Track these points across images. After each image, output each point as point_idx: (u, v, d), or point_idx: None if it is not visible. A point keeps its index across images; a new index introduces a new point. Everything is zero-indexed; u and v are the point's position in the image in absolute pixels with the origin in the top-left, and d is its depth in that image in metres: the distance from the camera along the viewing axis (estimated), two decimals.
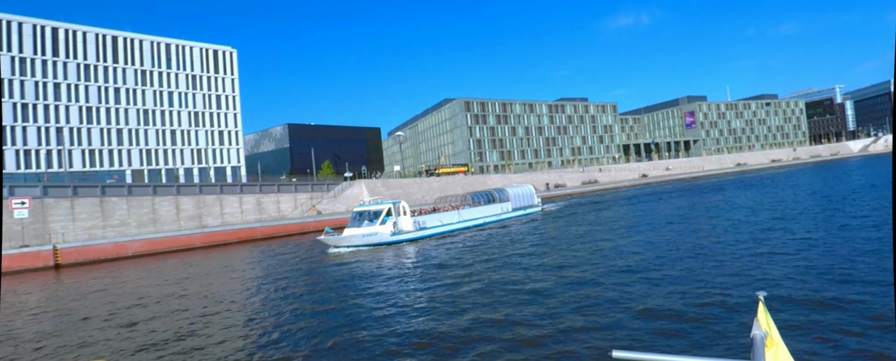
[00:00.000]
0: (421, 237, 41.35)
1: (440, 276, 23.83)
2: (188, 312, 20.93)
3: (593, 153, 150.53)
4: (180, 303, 23.21)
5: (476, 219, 47.97)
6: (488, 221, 49.13)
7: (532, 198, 57.79)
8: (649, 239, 28.92)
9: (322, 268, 30.56)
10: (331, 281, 25.69)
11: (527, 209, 55.33)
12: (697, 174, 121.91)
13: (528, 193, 57.63)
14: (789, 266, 18.34)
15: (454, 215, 46.44)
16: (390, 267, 28.44)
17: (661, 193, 72.22)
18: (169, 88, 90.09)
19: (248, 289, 25.72)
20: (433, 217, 44.43)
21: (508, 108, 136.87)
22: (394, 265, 29.34)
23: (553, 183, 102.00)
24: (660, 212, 44.78)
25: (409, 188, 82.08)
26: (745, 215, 36.26)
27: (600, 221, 42.79)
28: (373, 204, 42.03)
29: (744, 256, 21.28)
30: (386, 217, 39.99)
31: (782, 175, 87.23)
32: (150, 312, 21.50)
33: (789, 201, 42.90)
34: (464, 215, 47.11)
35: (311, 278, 27.48)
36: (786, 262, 19.20)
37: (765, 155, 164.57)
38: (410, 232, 40.76)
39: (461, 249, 32.98)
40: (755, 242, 24.42)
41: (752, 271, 18.38)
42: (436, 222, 44.18)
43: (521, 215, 53.49)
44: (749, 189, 62.34)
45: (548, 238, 34.89)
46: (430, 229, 42.70)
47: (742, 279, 17.19)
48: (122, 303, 24.42)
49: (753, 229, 28.77)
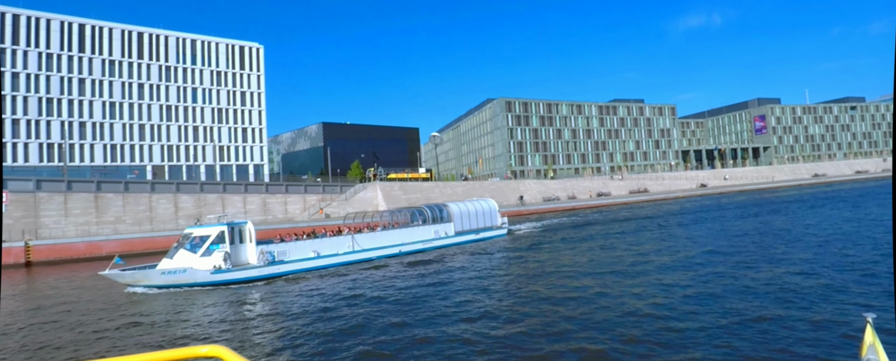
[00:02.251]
0: (269, 276, 28.56)
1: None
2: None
3: (648, 159, 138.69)
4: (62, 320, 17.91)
5: (383, 248, 34.53)
6: (409, 249, 35.81)
7: (491, 217, 43.32)
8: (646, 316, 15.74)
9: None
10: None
11: (481, 233, 41.59)
12: (766, 185, 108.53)
13: (486, 210, 43.08)
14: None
15: (342, 242, 32.81)
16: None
17: (714, 209, 62.17)
18: (193, 84, 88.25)
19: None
20: (300, 246, 30.99)
21: (554, 108, 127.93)
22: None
23: (596, 191, 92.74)
24: (697, 245, 29.63)
25: (430, 193, 75.69)
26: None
27: (579, 257, 28.53)
28: (204, 225, 29.43)
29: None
30: (214, 245, 27.80)
31: (874, 189, 74.44)
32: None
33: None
34: (363, 243, 33.60)
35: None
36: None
37: (848, 165, 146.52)
38: (252, 269, 28.30)
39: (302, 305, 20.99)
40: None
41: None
42: (303, 253, 30.77)
43: (467, 241, 40.13)
44: (836, 206, 51.73)
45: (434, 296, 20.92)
46: (290, 263, 29.71)
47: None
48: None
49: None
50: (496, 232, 43.00)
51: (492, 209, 43.86)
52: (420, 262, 31.66)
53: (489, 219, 43.14)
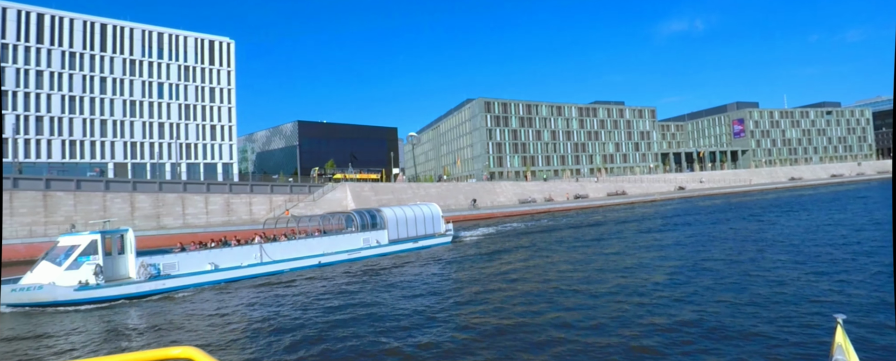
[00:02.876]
0: (148, 293, 24.61)
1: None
2: None
3: (627, 162, 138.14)
4: None
5: (298, 259, 30.66)
6: (331, 260, 32.07)
7: (433, 224, 39.70)
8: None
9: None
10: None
11: (421, 241, 38.08)
12: (744, 188, 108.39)
13: (427, 216, 39.36)
14: None
15: (247, 253, 29.02)
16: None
17: (689, 213, 61.05)
18: (159, 79, 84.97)
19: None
20: (192, 258, 26.99)
21: (534, 109, 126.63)
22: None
23: (574, 194, 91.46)
24: (660, 253, 27.98)
25: (403, 194, 73.59)
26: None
27: (521, 269, 25.80)
28: (75, 233, 25.52)
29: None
30: (83, 257, 23.79)
31: (849, 194, 74.20)
32: None
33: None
34: (274, 253, 29.80)
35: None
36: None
37: (823, 169, 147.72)
38: (128, 284, 24.30)
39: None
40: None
41: None
42: (196, 265, 26.83)
43: (403, 250, 36.51)
44: (815, 211, 50.79)
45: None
46: (179, 277, 25.81)
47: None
48: None
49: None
50: (438, 240, 39.53)
51: (434, 215, 40.16)
52: (334, 275, 28.01)
53: (430, 225, 39.42)
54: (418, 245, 37.87)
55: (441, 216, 40.93)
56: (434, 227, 39.75)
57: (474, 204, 76.02)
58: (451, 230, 41.26)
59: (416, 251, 36.93)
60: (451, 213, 67.27)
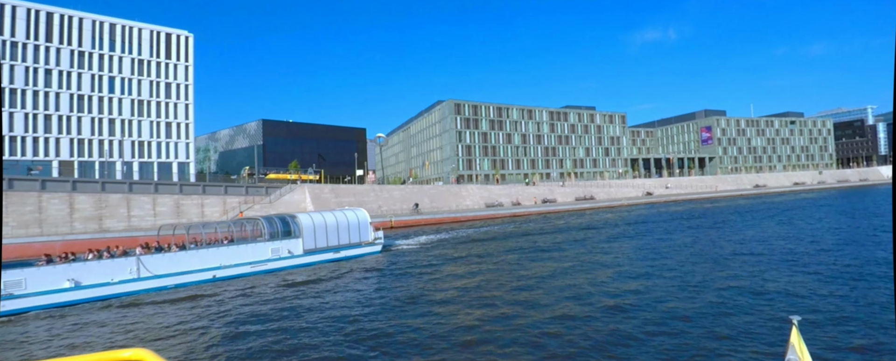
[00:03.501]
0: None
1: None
2: None
3: (597, 166, 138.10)
4: None
5: (186, 273, 26.47)
6: (230, 273, 28.07)
7: (359, 231, 35.53)
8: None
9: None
10: None
11: (343, 251, 34.12)
12: (710, 195, 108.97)
13: (352, 223, 35.22)
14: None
15: (120, 266, 24.43)
16: None
17: (653, 220, 60.17)
18: (110, 73, 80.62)
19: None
20: (46, 274, 22.36)
21: (504, 113, 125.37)
22: None
23: (542, 198, 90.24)
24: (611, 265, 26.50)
25: (365, 197, 71.10)
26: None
27: (457, 284, 22.96)
28: None
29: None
30: None
31: (808, 202, 74.60)
32: None
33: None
34: (155, 266, 25.34)
35: None
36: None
37: (787, 177, 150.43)
38: None
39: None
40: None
41: None
42: (52, 282, 22.45)
43: (321, 261, 32.73)
44: (782, 221, 50.14)
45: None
46: (25, 298, 21.60)
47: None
48: None
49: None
50: (365, 250, 35.68)
51: (361, 222, 35.93)
52: (224, 291, 24.30)
53: (356, 233, 35.30)
54: (340, 256, 33.98)
55: (370, 223, 36.91)
56: (361, 235, 35.67)
57: (416, 209, 71.65)
58: (380, 238, 37.42)
59: (338, 262, 33.09)
60: (413, 217, 65.13)
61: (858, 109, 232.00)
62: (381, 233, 37.97)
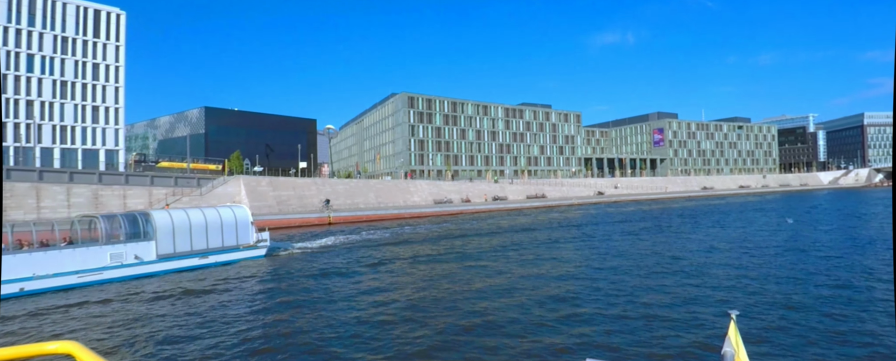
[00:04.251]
0: None
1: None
2: None
3: (551, 165, 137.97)
4: None
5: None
6: (44, 285, 22.24)
7: (238, 232, 29.76)
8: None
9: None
10: None
11: (211, 256, 28.31)
12: (660, 196, 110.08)
13: (228, 222, 29.46)
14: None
15: None
16: None
17: (599, 220, 59.19)
18: (29, 50, 73.90)
19: None
20: None
21: (459, 108, 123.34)
22: None
23: (493, 195, 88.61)
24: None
25: (305, 190, 67.57)
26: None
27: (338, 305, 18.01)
28: None
29: None
30: None
31: (752, 205, 75.52)
32: None
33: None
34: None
35: None
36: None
37: (733, 180, 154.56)
38: None
39: None
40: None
41: None
42: None
43: (179, 269, 26.81)
44: (721, 224, 49.58)
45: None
46: None
47: None
48: None
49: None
50: (244, 254, 29.75)
51: (240, 221, 29.90)
52: (22, 311, 18.72)
53: (231, 235, 29.34)
54: (208, 262, 28.07)
55: (251, 222, 30.80)
56: (239, 236, 29.74)
57: (327, 205, 63.80)
58: (265, 240, 31.37)
59: (205, 269, 27.12)
60: (357, 212, 62.18)
61: (801, 117, 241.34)
62: (266, 234, 31.78)
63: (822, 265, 23.22)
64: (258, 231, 31.49)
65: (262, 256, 30.76)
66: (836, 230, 37.39)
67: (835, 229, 38.11)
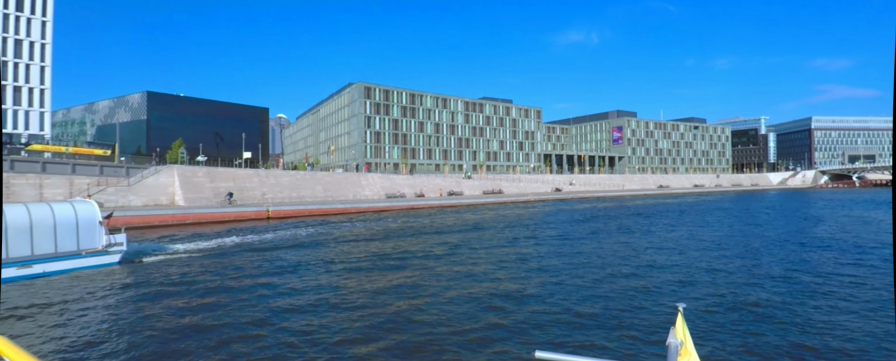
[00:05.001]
0: None
1: None
2: None
3: (511, 160, 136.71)
4: None
5: None
6: None
7: (81, 234, 23.18)
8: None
9: None
10: None
11: (40, 265, 21.56)
12: (617, 193, 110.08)
13: (66, 221, 22.72)
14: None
15: None
16: None
17: (549, 220, 57.54)
18: None
19: None
20: None
21: (418, 100, 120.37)
22: None
23: (448, 190, 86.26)
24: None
25: (248, 182, 63.57)
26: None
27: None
28: None
29: None
30: None
31: (704, 205, 75.51)
32: None
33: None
34: None
35: None
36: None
37: (688, 179, 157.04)
38: None
39: None
40: None
41: None
42: None
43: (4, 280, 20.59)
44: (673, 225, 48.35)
45: None
46: None
47: None
48: None
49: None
50: (86, 262, 23.26)
51: (83, 220, 23.34)
52: None
53: (70, 238, 22.96)
54: (34, 272, 21.45)
55: (101, 221, 24.06)
56: (80, 240, 23.31)
57: (230, 200, 57.58)
58: (121, 243, 24.58)
59: (30, 280, 20.73)
60: (300, 206, 58.67)
61: (753, 119, 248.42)
62: (122, 236, 24.91)
63: (774, 263, 23.08)
64: (110, 233, 24.68)
65: (114, 263, 24.15)
66: (790, 230, 36.54)
67: (787, 229, 37.28)
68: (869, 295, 16.47)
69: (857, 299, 16.04)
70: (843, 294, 16.62)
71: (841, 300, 15.84)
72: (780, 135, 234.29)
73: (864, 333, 12.60)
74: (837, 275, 19.91)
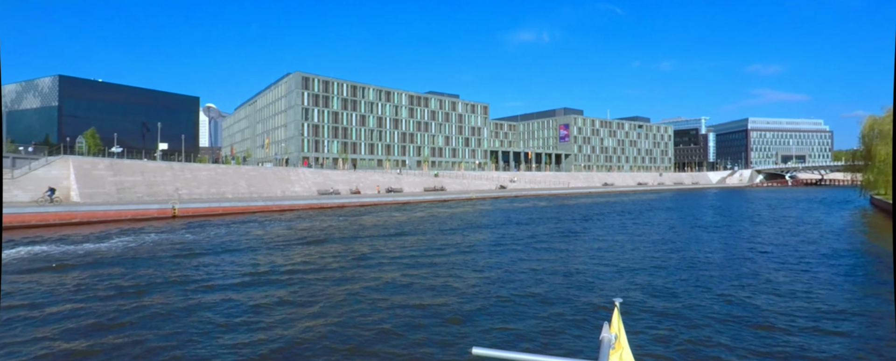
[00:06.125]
0: None
1: None
2: None
3: (456, 157, 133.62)
4: None
5: None
6: None
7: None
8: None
9: None
10: None
11: None
12: (562, 191, 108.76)
13: None
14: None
15: None
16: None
17: (482, 222, 54.48)
18: None
19: None
20: None
21: (360, 92, 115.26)
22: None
23: (387, 187, 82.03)
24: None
25: (158, 176, 57.36)
26: None
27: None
28: None
29: None
30: None
31: (647, 204, 74.53)
32: None
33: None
34: None
35: None
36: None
37: (632, 177, 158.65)
38: None
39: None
40: None
41: None
42: None
43: None
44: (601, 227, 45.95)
45: None
46: None
47: None
48: None
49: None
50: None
51: None
52: None
53: None
54: None
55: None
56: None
57: (51, 197, 46.30)
58: None
59: None
60: (215, 204, 53.09)
61: (694, 120, 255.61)
62: None
63: (713, 262, 23.02)
64: None
65: None
66: (732, 231, 34.63)
67: (730, 231, 35.40)
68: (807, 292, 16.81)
69: (797, 294, 16.45)
70: (782, 291, 16.92)
71: (778, 296, 16.08)
72: (719, 135, 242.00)
73: (799, 328, 12.81)
74: (777, 272, 20.28)
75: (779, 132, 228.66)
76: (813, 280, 18.61)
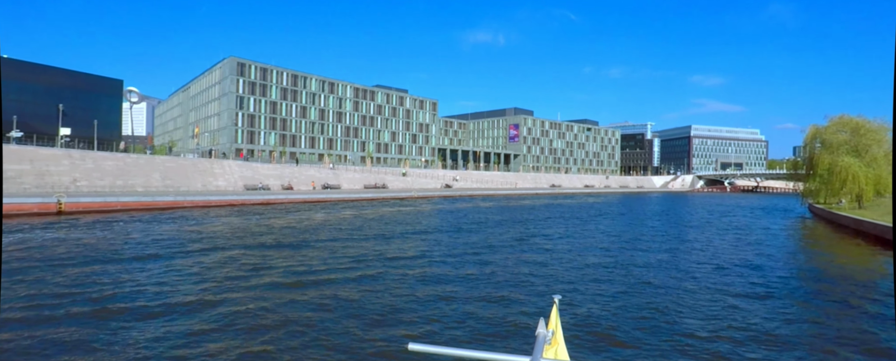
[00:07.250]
0: None
1: None
2: None
3: (403, 153, 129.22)
4: None
5: None
6: None
7: None
8: None
9: None
10: None
11: None
12: (509, 191, 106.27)
13: None
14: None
15: None
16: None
17: (408, 221, 50.71)
18: None
19: None
20: None
21: (301, 82, 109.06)
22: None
23: (323, 183, 76.87)
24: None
25: (54, 165, 50.33)
26: None
27: None
28: None
29: None
30: None
31: (593, 208, 72.62)
32: None
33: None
34: None
35: None
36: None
37: (579, 179, 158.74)
38: None
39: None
40: None
41: None
42: None
43: None
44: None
45: None
46: None
47: None
48: None
49: None
50: None
51: None
52: None
53: None
54: None
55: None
56: None
57: None
58: None
59: None
60: (115, 198, 46.84)
61: (641, 125, 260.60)
62: None
63: (651, 261, 23.48)
64: None
65: None
66: (675, 238, 32.15)
67: (674, 237, 32.92)
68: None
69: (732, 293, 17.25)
70: (721, 292, 17.35)
71: (716, 301, 16.07)
72: (663, 141, 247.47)
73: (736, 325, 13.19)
74: (716, 275, 20.75)
75: (719, 140, 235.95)
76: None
